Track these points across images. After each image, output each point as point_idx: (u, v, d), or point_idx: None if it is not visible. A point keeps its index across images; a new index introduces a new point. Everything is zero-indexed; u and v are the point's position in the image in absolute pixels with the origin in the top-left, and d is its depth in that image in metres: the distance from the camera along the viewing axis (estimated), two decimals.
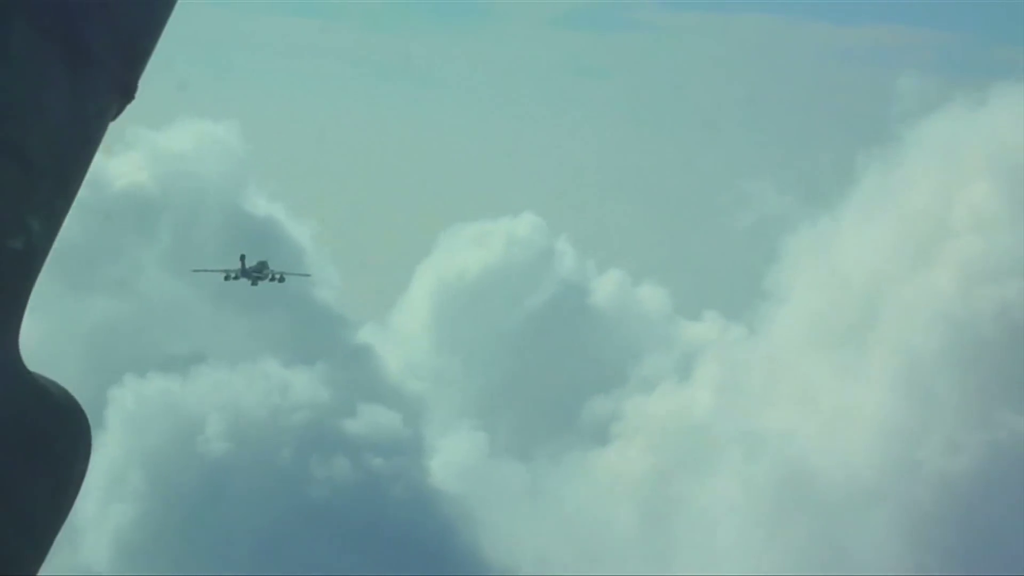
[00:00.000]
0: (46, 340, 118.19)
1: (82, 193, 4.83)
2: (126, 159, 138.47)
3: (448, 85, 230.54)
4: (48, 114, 4.60)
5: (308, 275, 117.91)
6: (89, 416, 4.80)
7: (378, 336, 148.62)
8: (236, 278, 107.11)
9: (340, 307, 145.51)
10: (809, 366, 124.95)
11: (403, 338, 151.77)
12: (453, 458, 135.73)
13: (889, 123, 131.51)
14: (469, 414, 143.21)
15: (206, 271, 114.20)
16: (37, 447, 4.56)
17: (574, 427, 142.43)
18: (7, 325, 4.60)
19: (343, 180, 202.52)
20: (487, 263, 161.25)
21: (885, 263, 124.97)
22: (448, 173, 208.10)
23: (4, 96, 4.55)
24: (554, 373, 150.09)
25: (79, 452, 4.71)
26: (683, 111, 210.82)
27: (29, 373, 4.64)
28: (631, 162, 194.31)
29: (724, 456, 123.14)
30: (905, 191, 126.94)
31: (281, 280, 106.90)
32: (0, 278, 4.54)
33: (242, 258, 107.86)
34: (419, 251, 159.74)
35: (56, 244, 4.77)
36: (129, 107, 4.89)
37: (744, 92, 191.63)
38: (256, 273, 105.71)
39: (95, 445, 4.78)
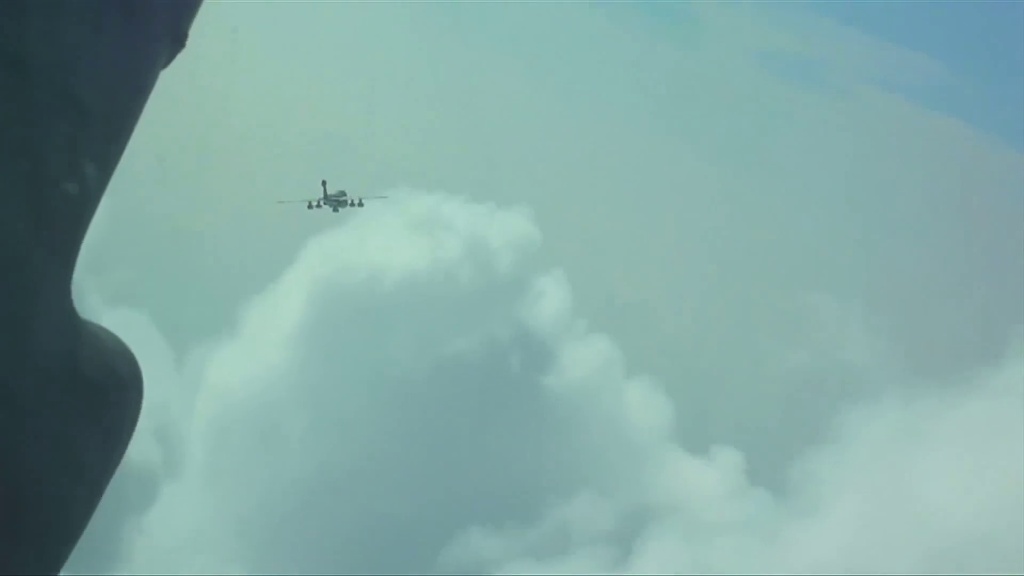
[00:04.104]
0: None
1: None
2: None
3: (589, 72, 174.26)
4: (102, 62, 4.66)
5: (385, 196, 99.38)
6: None
7: None
8: (319, 206, 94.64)
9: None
10: None
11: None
12: None
13: None
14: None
15: (289, 202, 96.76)
16: (90, 395, 4.62)
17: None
18: (61, 271, 4.62)
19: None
20: (415, 267, 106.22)
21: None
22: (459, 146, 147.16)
23: (59, 44, 4.61)
24: (429, 483, 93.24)
25: (131, 399, 4.77)
26: (824, 196, 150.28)
27: (82, 320, 4.65)
28: (717, 233, 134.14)
29: None
30: None
31: (360, 205, 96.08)
32: (55, 222, 4.58)
33: (323, 184, 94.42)
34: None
35: None
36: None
37: (905, 205, 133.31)
38: (336, 200, 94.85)
39: None
